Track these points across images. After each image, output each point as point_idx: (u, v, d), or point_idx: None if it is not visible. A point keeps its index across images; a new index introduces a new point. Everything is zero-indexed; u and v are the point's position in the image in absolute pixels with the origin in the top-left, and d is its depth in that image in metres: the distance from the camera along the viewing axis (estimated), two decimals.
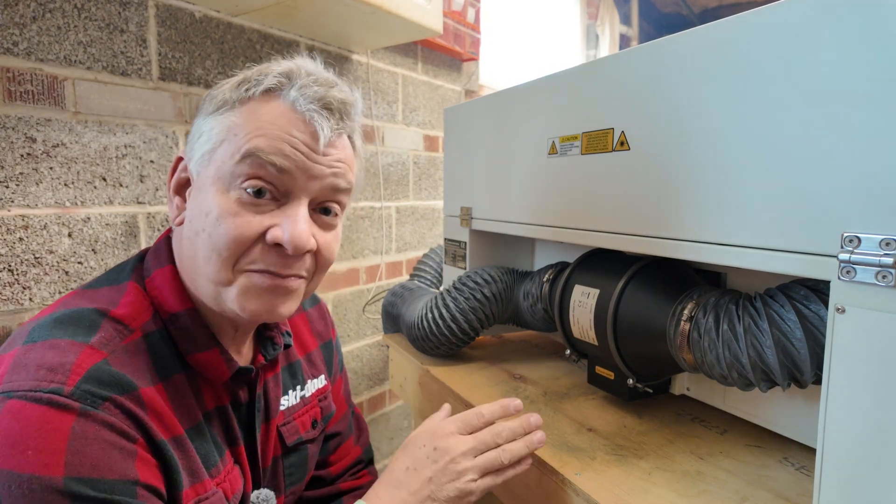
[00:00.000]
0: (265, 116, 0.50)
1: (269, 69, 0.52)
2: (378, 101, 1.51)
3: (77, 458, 0.39)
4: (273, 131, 0.49)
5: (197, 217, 0.50)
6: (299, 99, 0.50)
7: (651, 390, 0.73)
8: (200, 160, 0.51)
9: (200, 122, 0.52)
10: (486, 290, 0.88)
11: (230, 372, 0.54)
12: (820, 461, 0.45)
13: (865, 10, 0.42)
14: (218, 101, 0.51)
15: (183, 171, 0.54)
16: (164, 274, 0.53)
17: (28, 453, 0.38)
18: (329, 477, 0.75)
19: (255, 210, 0.49)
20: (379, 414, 1.62)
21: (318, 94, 0.51)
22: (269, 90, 0.51)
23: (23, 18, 0.81)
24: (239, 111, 0.50)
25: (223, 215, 0.48)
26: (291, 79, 0.51)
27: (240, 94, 0.51)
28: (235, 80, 0.53)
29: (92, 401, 0.42)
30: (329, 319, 0.78)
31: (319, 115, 0.51)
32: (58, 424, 0.40)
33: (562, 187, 0.76)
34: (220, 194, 0.49)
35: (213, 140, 0.50)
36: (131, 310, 0.50)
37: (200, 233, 0.49)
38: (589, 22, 2.84)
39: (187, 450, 0.48)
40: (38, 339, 0.45)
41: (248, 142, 0.48)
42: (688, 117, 0.57)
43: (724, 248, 0.54)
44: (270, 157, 0.48)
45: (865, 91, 0.42)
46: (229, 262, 0.49)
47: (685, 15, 3.64)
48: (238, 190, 0.49)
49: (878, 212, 0.42)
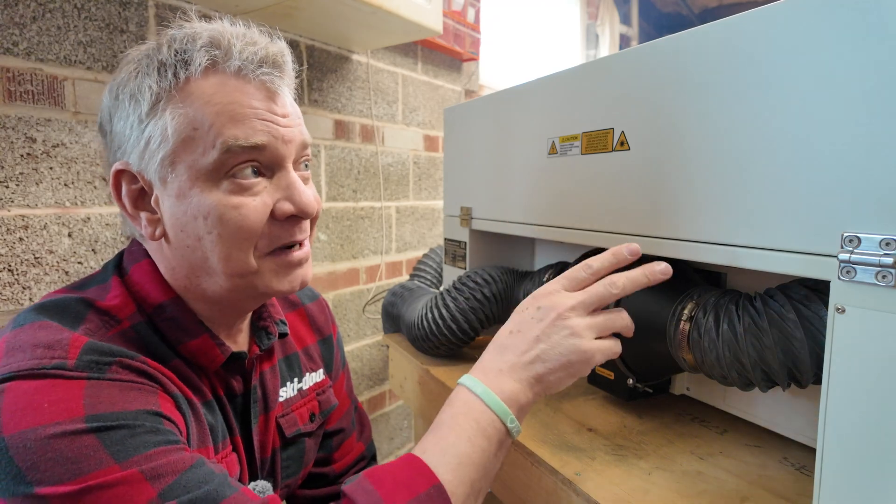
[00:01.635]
0: (218, 97, 0.46)
1: (185, 44, 0.47)
2: (378, 101, 1.51)
3: (95, 400, 0.39)
4: (236, 109, 0.46)
5: (190, 224, 0.48)
6: (246, 65, 0.47)
7: (651, 390, 0.73)
8: (161, 166, 0.47)
9: (135, 125, 0.47)
10: (486, 291, 0.88)
11: (224, 356, 0.53)
12: (820, 461, 0.45)
13: (865, 10, 0.42)
14: (147, 97, 0.47)
15: (132, 182, 0.49)
16: (142, 268, 0.52)
17: (44, 406, 0.37)
18: (332, 474, 0.75)
19: (251, 194, 0.48)
20: (379, 414, 1.62)
21: (260, 54, 0.48)
22: (205, 67, 0.47)
23: (23, 18, 0.81)
24: (183, 102, 0.46)
25: (225, 211, 0.47)
26: (222, 47, 0.47)
27: (170, 82, 0.46)
28: (151, 67, 0.47)
29: (98, 368, 0.41)
30: (329, 315, 0.77)
31: (271, 76, 0.48)
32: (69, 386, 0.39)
33: (562, 187, 0.76)
34: (208, 193, 0.47)
35: (170, 142, 0.46)
36: (118, 302, 0.49)
37: (205, 237, 0.48)
38: (589, 22, 2.84)
39: (199, 416, 0.48)
40: (25, 322, 0.44)
41: (219, 134, 0.46)
42: (688, 117, 0.57)
43: (724, 248, 0.54)
44: (250, 142, 0.46)
45: (865, 91, 0.42)
46: (251, 251, 0.49)
47: (685, 15, 3.64)
48: (227, 181, 0.47)
49: (878, 212, 0.42)
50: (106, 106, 0.50)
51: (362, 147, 1.47)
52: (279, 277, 0.51)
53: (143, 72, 0.47)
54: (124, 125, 0.48)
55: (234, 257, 0.48)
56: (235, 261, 0.48)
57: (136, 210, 0.50)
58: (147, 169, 0.48)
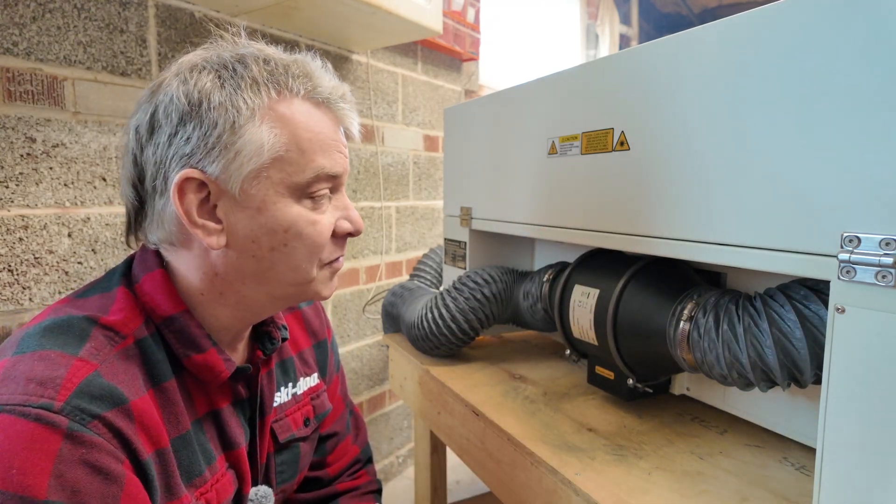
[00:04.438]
0: (311, 125, 0.51)
1: (277, 66, 0.50)
2: (378, 101, 1.51)
3: (60, 482, 0.39)
4: (325, 141, 0.52)
5: (265, 235, 0.50)
6: (330, 99, 0.53)
7: (651, 390, 0.73)
8: (247, 177, 0.48)
9: (222, 135, 0.47)
10: (485, 290, 0.88)
11: (229, 372, 0.53)
12: (820, 461, 0.45)
13: (865, 10, 0.42)
14: (243, 110, 0.48)
15: (200, 190, 0.49)
16: (155, 278, 0.52)
17: (13, 472, 0.38)
18: (327, 477, 0.75)
19: (321, 211, 0.53)
20: (379, 414, 1.62)
21: (338, 90, 0.54)
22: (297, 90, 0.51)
23: (23, 18, 0.81)
24: (278, 122, 0.49)
25: (305, 226, 0.51)
26: (313, 79, 0.52)
27: (264, 101, 0.49)
28: (242, 82, 0.49)
29: (81, 418, 0.41)
30: (324, 319, 0.77)
31: (347, 112, 0.55)
32: (44, 445, 0.39)
33: (562, 187, 0.76)
34: (291, 207, 0.51)
35: (263, 157, 0.48)
36: (122, 316, 0.49)
37: (279, 248, 0.51)
38: (589, 22, 2.84)
39: (168, 464, 0.48)
40: (28, 349, 0.44)
41: (311, 160, 0.51)
42: (688, 117, 0.57)
43: (724, 248, 0.54)
44: (334, 171, 0.53)
45: (865, 91, 0.42)
46: (317, 261, 0.54)
47: (685, 15, 3.64)
48: (308, 200, 0.52)
49: (878, 212, 0.42)
50: (174, 109, 0.48)
51: (362, 147, 1.47)
52: (326, 285, 0.57)
53: (233, 84, 0.48)
54: (203, 132, 0.48)
55: (303, 267, 0.53)
56: (303, 271, 0.53)
57: (200, 218, 0.49)
58: (230, 179, 0.48)
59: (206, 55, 0.51)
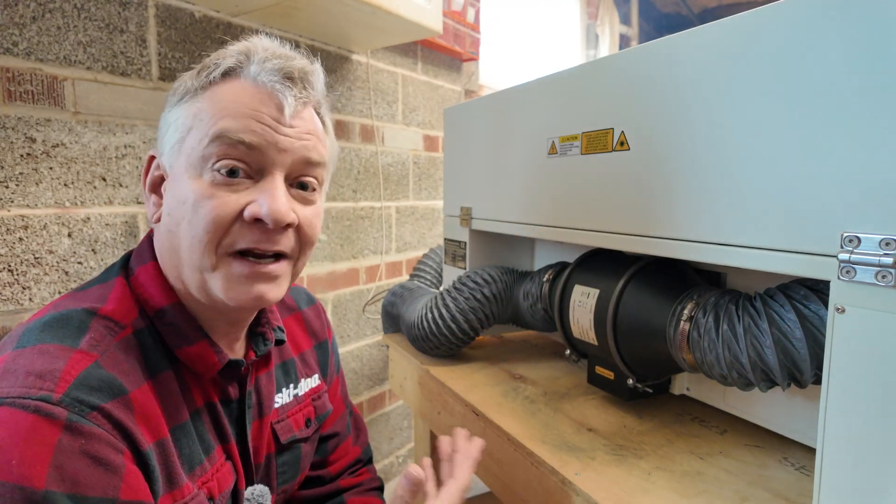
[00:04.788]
0: (228, 96, 0.50)
1: (226, 52, 0.52)
2: (378, 101, 1.51)
3: (59, 473, 0.39)
4: (238, 109, 0.49)
5: (175, 208, 0.50)
6: (260, 73, 0.50)
7: (651, 390, 0.73)
8: (170, 152, 0.51)
9: (166, 115, 0.52)
10: (485, 290, 0.88)
11: (221, 364, 0.53)
12: (820, 461, 0.45)
13: (865, 10, 0.42)
14: (181, 92, 0.52)
15: (156, 168, 0.54)
16: (147, 270, 0.53)
17: (12, 463, 0.38)
18: (328, 476, 0.75)
19: (230, 189, 0.49)
20: (379, 414, 1.62)
21: (278, 66, 0.51)
22: (228, 71, 0.51)
23: (23, 18, 0.81)
24: (202, 97, 0.50)
25: (199, 199, 0.48)
26: (249, 56, 0.51)
27: (201, 81, 0.51)
28: (196, 69, 0.53)
29: (80, 409, 0.41)
30: (325, 320, 0.78)
31: (282, 86, 0.50)
32: (44, 436, 0.39)
33: (561, 187, 0.76)
34: (193, 180, 0.49)
35: (179, 130, 0.50)
36: (120, 305, 0.50)
37: (181, 222, 0.49)
38: (589, 22, 2.84)
39: (168, 454, 0.48)
40: (28, 343, 0.44)
41: (214, 124, 0.48)
42: (688, 117, 0.57)
43: (724, 248, 0.54)
44: (239, 136, 0.48)
45: (865, 91, 0.42)
46: (212, 246, 0.49)
47: (685, 15, 3.64)
48: (211, 172, 0.48)
49: (877, 212, 0.42)
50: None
51: (362, 147, 1.47)
52: (229, 284, 0.49)
53: (192, 74, 0.52)
54: (163, 115, 0.53)
55: (196, 247, 0.49)
56: (197, 251, 0.49)
57: (151, 193, 0.54)
58: (163, 154, 0.52)
59: None
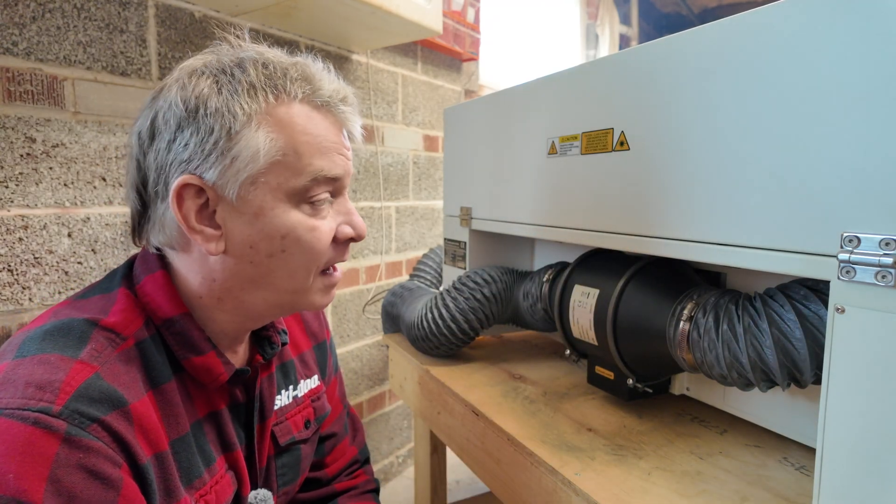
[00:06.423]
0: (309, 129, 0.50)
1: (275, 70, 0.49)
2: (378, 101, 1.51)
3: (56, 487, 0.39)
4: (323, 144, 0.51)
5: (263, 241, 0.50)
6: (330, 102, 0.52)
7: (651, 390, 0.73)
8: (244, 183, 0.48)
9: (219, 141, 0.47)
10: (485, 291, 0.88)
11: (228, 375, 0.53)
12: (820, 461, 0.45)
13: (865, 10, 0.42)
14: (239, 116, 0.47)
15: (198, 196, 0.49)
16: (156, 279, 0.52)
17: (9, 476, 0.38)
18: (325, 478, 0.75)
19: (321, 216, 0.52)
20: (379, 414, 1.62)
21: (341, 93, 0.53)
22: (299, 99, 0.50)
23: (23, 18, 0.81)
24: (275, 127, 0.48)
25: (305, 231, 0.51)
26: (313, 83, 0.51)
27: (261, 105, 0.48)
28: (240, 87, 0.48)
29: (80, 421, 0.41)
30: (323, 320, 0.78)
31: (351, 114, 0.54)
32: (42, 449, 0.39)
33: (562, 187, 0.76)
34: (289, 212, 0.50)
35: (260, 162, 0.48)
36: (123, 317, 0.49)
37: (277, 254, 0.50)
38: (589, 22, 2.84)
39: (167, 468, 0.48)
40: (28, 353, 0.44)
41: (308, 164, 0.50)
42: (687, 117, 0.57)
43: (724, 248, 0.54)
44: (333, 174, 0.52)
45: (865, 90, 0.42)
46: (314, 269, 0.53)
47: (685, 15, 3.64)
48: (307, 205, 0.51)
49: (877, 212, 0.42)
50: (172, 115, 0.48)
51: (362, 147, 1.47)
52: (322, 294, 0.56)
53: (230, 90, 0.48)
54: (200, 139, 0.48)
55: (300, 275, 0.52)
56: (300, 278, 0.52)
57: (199, 223, 0.49)
58: (227, 185, 0.48)
59: (207, 59, 0.51)
